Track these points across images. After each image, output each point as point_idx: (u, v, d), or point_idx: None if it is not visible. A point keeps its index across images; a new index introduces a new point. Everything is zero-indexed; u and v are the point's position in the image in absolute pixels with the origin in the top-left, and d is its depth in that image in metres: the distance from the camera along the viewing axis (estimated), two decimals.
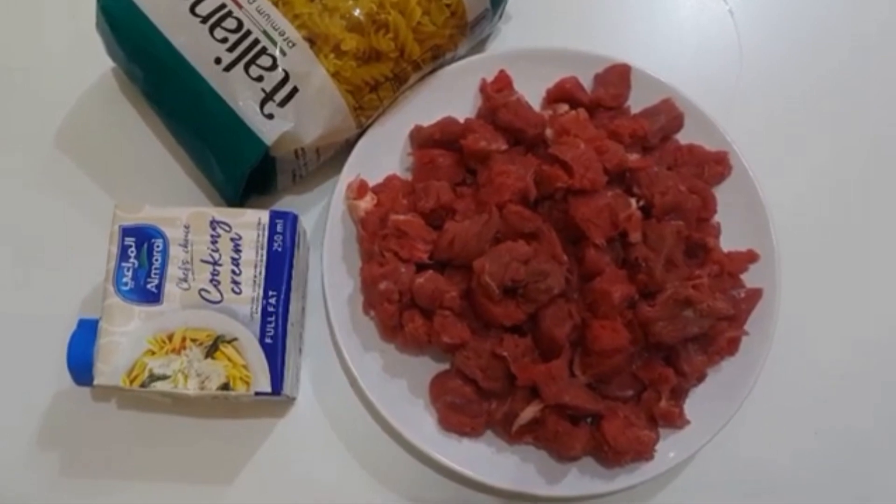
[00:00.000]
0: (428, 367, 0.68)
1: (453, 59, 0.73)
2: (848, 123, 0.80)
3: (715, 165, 0.72)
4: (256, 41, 0.63)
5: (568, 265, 0.64)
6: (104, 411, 0.67)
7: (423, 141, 0.71)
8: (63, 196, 0.72)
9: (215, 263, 0.61)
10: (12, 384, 0.68)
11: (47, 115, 0.74)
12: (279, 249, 0.62)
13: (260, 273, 0.61)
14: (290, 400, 0.67)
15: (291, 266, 0.62)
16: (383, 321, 0.66)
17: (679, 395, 0.66)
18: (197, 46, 0.64)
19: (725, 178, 0.72)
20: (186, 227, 0.62)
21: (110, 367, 0.59)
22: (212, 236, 0.62)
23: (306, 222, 0.71)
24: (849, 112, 0.80)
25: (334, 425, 0.68)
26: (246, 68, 0.63)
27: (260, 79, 0.63)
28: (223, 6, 0.64)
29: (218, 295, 0.61)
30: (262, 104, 0.63)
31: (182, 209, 0.62)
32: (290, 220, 0.63)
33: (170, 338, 0.59)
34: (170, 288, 0.60)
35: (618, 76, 0.73)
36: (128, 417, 0.67)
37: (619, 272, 0.65)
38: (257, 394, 0.59)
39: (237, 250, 0.61)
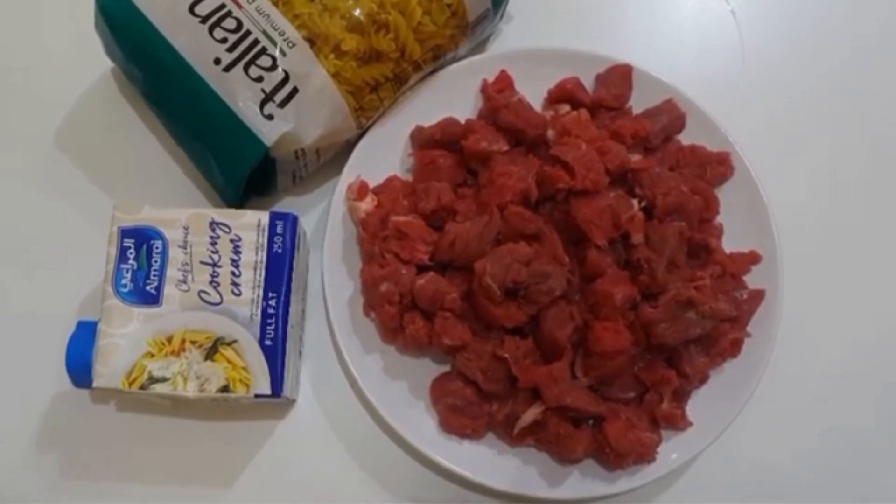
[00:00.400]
0: (429, 369, 0.67)
1: (454, 60, 0.73)
2: (850, 123, 0.80)
3: (717, 166, 0.71)
4: (256, 41, 0.63)
5: (569, 266, 0.64)
6: (103, 413, 0.67)
7: (424, 142, 0.71)
8: (62, 197, 0.72)
9: (215, 265, 0.61)
10: (12, 385, 0.67)
11: (46, 115, 0.74)
12: (279, 251, 0.62)
13: (260, 275, 0.61)
14: (291, 402, 0.67)
15: (291, 268, 0.62)
16: (384, 323, 0.65)
17: (681, 396, 0.66)
18: (196, 47, 0.63)
19: (727, 178, 0.72)
20: (186, 228, 0.61)
21: (109, 369, 0.58)
22: (211, 238, 0.61)
23: (306, 223, 0.70)
24: (851, 112, 0.80)
25: (334, 427, 0.68)
26: (245, 69, 0.63)
27: (260, 79, 0.63)
28: (223, 6, 0.64)
29: (217, 297, 0.60)
30: (262, 105, 0.63)
31: (181, 210, 0.62)
32: (290, 222, 0.63)
33: (169, 340, 0.59)
34: (169, 290, 0.60)
35: (619, 76, 0.73)
36: (127, 419, 0.67)
37: (621, 273, 0.65)
38: (257, 396, 0.59)
39: (237, 252, 0.61)
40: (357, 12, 0.65)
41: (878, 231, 0.77)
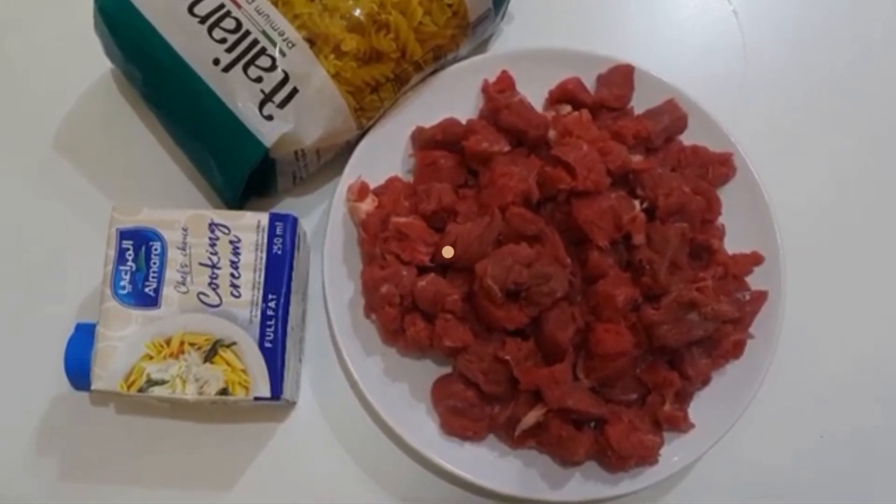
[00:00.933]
0: (430, 371, 0.67)
1: (455, 60, 0.73)
2: (852, 124, 0.79)
3: (719, 166, 0.71)
4: (255, 41, 0.63)
5: (571, 268, 0.64)
6: (103, 416, 0.67)
7: (425, 142, 0.70)
8: (61, 198, 0.72)
9: (214, 266, 0.61)
10: (11, 388, 0.67)
11: (46, 116, 0.74)
12: (279, 252, 0.62)
13: (259, 276, 0.61)
14: (291, 404, 0.66)
15: (291, 269, 0.62)
16: (384, 324, 0.65)
17: (683, 398, 0.66)
18: (195, 47, 0.63)
19: (730, 179, 0.72)
20: (185, 229, 0.61)
21: (107, 371, 0.58)
22: (210, 239, 0.61)
23: (307, 224, 0.70)
24: (853, 112, 0.80)
25: (335, 429, 0.68)
26: (245, 69, 0.62)
27: (259, 80, 0.62)
28: (222, 6, 0.64)
29: (217, 298, 0.60)
30: (262, 105, 0.62)
31: (180, 211, 0.62)
32: (290, 223, 0.62)
33: (168, 342, 0.59)
34: (168, 292, 0.60)
35: (621, 77, 0.73)
36: (127, 422, 0.67)
37: (623, 275, 0.64)
38: (256, 399, 0.59)
39: (236, 253, 0.61)
40: (357, 12, 0.64)
41: (881, 232, 0.76)
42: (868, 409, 0.71)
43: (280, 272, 0.61)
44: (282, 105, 0.63)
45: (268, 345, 0.59)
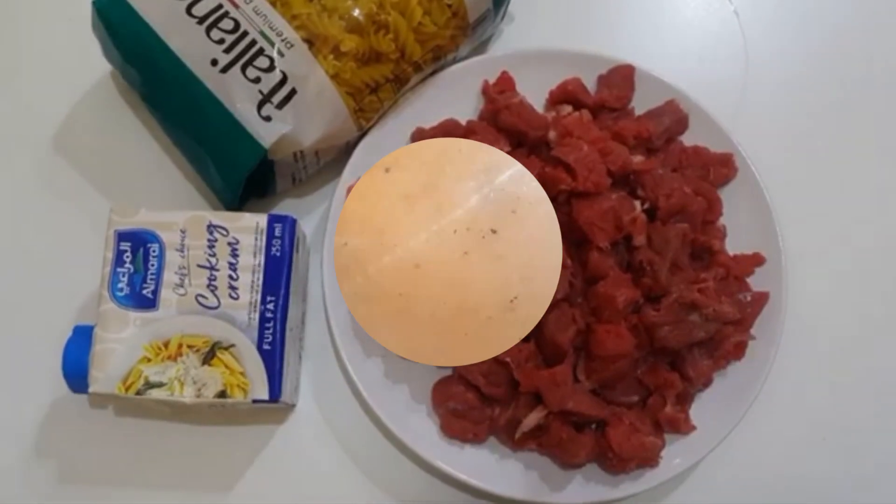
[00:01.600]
0: (430, 373, 0.67)
1: (455, 61, 0.72)
2: (854, 123, 0.79)
3: (720, 167, 0.71)
4: (254, 42, 0.63)
5: (572, 269, 0.64)
6: (102, 418, 0.67)
7: None
8: (60, 199, 0.72)
9: (212, 268, 0.60)
10: (9, 391, 0.67)
11: (45, 117, 0.74)
12: (277, 254, 0.61)
13: (258, 278, 0.60)
14: (290, 406, 0.66)
15: (290, 271, 0.61)
16: None
17: (685, 400, 0.66)
18: (193, 48, 0.63)
19: (731, 179, 0.72)
20: (183, 231, 0.61)
21: (105, 374, 0.58)
22: (209, 241, 0.61)
23: (306, 226, 0.70)
24: (855, 112, 0.79)
25: (335, 432, 0.68)
26: (243, 70, 0.62)
27: (257, 80, 0.62)
28: (220, 7, 0.63)
29: (215, 300, 0.60)
30: (260, 106, 0.62)
31: (179, 213, 0.62)
32: (289, 224, 0.62)
33: (166, 344, 0.59)
34: (166, 294, 0.60)
35: (622, 77, 0.73)
36: (125, 425, 0.67)
37: (624, 276, 0.64)
38: (255, 401, 0.58)
39: (235, 255, 0.61)
40: (356, 13, 0.64)
41: (882, 232, 0.76)
42: (870, 410, 0.71)
43: (279, 274, 0.61)
44: (280, 106, 0.62)
45: (266, 347, 0.59)
